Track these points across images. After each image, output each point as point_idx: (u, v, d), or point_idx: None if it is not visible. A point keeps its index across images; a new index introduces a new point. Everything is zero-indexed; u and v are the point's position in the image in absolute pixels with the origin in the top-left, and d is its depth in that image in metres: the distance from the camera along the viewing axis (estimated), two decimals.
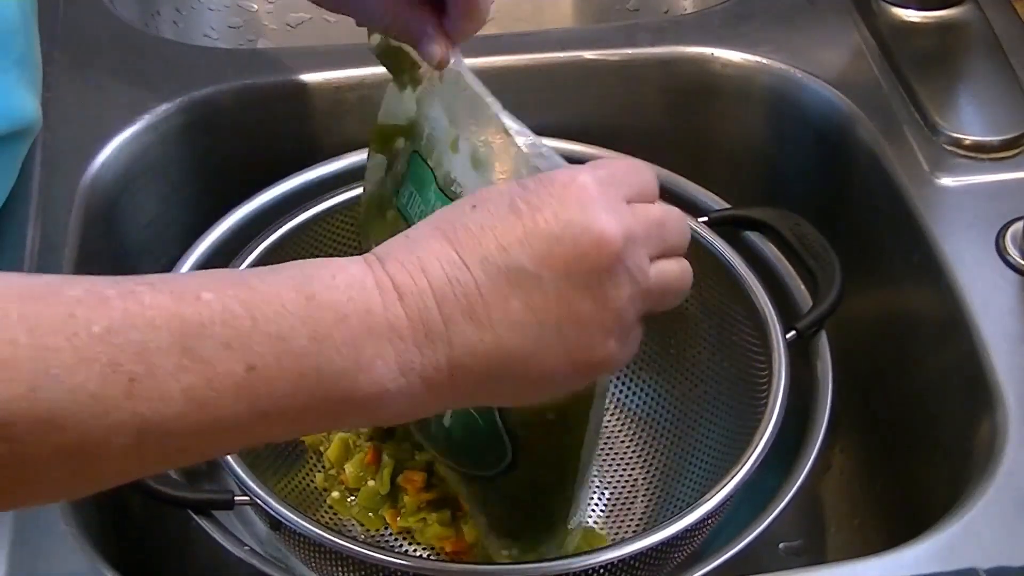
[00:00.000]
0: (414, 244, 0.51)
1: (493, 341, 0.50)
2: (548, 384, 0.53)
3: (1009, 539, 0.66)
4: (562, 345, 0.52)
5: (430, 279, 0.50)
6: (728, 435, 0.79)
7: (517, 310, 0.50)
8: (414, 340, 0.49)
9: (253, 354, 0.46)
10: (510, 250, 0.50)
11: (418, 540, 0.78)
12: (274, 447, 0.80)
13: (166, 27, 1.06)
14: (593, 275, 0.51)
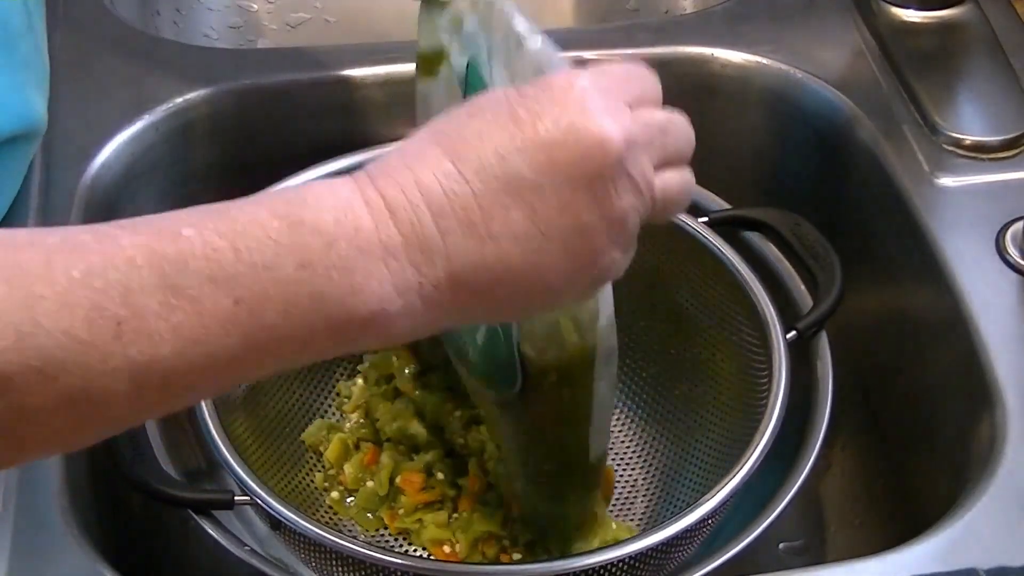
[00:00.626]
0: (408, 158, 0.50)
1: (494, 253, 0.49)
2: (552, 295, 0.51)
3: (1009, 539, 0.66)
4: (565, 254, 0.50)
5: (424, 193, 0.48)
6: (728, 435, 0.79)
7: (518, 220, 0.49)
8: (409, 258, 0.48)
9: (239, 286, 0.45)
10: (509, 159, 0.49)
11: (414, 542, 0.78)
12: (274, 447, 0.80)
13: (166, 27, 1.06)
14: (596, 181, 0.49)
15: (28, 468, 0.68)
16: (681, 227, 0.81)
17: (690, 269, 0.82)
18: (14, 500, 0.66)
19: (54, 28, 0.90)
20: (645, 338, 0.86)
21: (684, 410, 0.83)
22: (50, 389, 0.43)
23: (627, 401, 0.86)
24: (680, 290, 0.83)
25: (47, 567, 0.64)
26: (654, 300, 0.85)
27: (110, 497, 0.74)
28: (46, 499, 0.66)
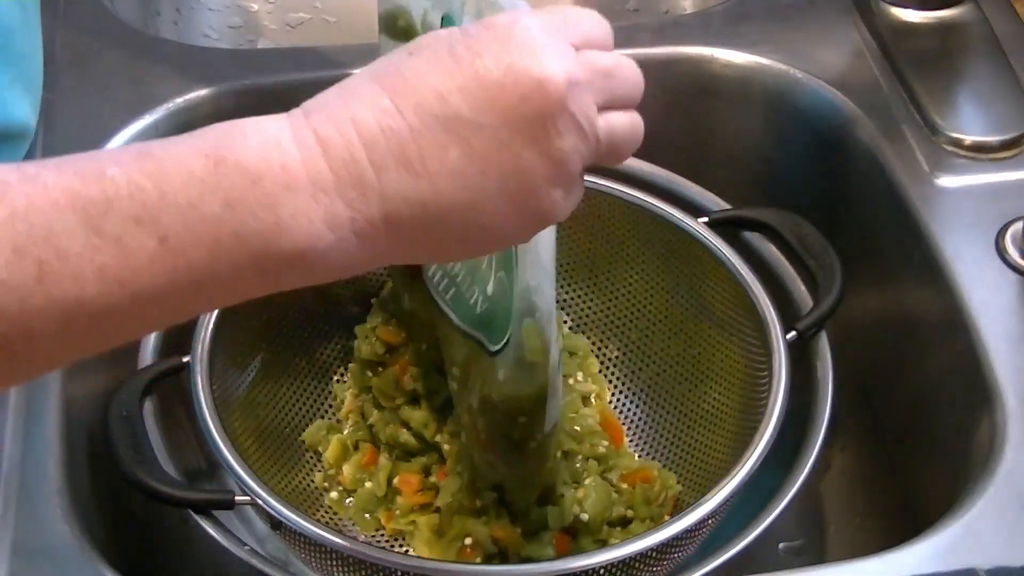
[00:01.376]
0: (346, 93, 0.49)
1: (430, 191, 0.48)
2: (492, 236, 0.51)
3: (1009, 539, 0.66)
4: (504, 194, 0.50)
5: (359, 128, 0.48)
6: (728, 435, 0.79)
7: (455, 159, 0.48)
8: (340, 194, 0.47)
9: (163, 226, 0.45)
10: (448, 97, 0.48)
11: (408, 544, 0.78)
12: (274, 447, 0.80)
13: (166, 27, 1.06)
14: (536, 121, 0.49)
15: (28, 468, 0.68)
16: (681, 227, 0.81)
17: (690, 269, 0.82)
18: (14, 500, 0.66)
19: (54, 28, 0.90)
20: (645, 339, 0.86)
21: (684, 410, 0.83)
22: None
23: (627, 401, 0.86)
24: (680, 290, 0.84)
25: (47, 567, 0.64)
26: (654, 300, 0.85)
27: (110, 497, 0.74)
28: (46, 499, 0.66)
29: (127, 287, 0.45)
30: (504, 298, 0.67)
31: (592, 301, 0.87)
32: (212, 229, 0.46)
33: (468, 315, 0.71)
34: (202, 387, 0.72)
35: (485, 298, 0.69)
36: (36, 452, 0.68)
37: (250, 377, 0.80)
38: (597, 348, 0.87)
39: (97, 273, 0.44)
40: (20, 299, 0.43)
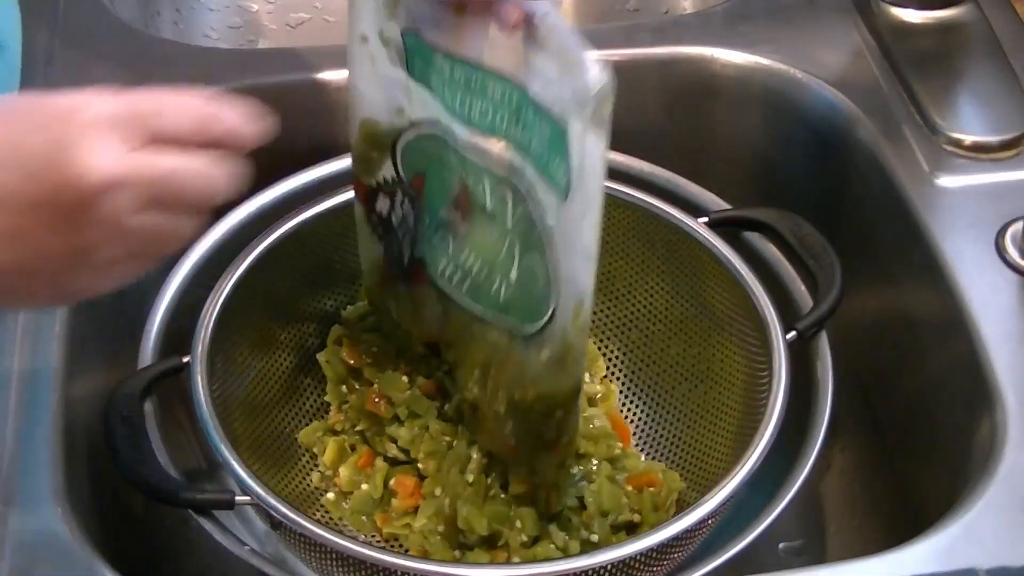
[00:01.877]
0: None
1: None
2: (19, 301, 0.57)
3: (1009, 539, 0.66)
4: (20, 271, 0.52)
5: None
6: (728, 435, 0.79)
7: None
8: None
9: None
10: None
11: (404, 547, 0.78)
12: (272, 448, 0.80)
13: (166, 27, 1.06)
14: (64, 212, 0.50)
15: (28, 468, 0.68)
16: (681, 227, 0.81)
17: (690, 269, 0.82)
18: (14, 500, 0.66)
19: (54, 28, 0.90)
20: (645, 339, 0.86)
21: (684, 411, 0.83)
22: None
23: (627, 401, 0.86)
24: (680, 290, 0.84)
25: (47, 567, 0.64)
26: (654, 301, 0.85)
27: (110, 497, 0.74)
28: (46, 499, 0.66)
29: None
30: (535, 281, 0.67)
31: (593, 301, 0.87)
32: None
33: (492, 303, 0.72)
34: (202, 387, 0.72)
35: (509, 285, 0.70)
36: (36, 452, 0.68)
37: (250, 377, 0.80)
38: (598, 348, 0.87)
39: None
40: None
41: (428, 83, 0.70)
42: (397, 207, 0.76)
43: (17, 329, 0.73)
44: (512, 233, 0.69)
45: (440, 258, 0.75)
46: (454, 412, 0.77)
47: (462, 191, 0.71)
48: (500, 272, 0.71)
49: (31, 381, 0.71)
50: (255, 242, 0.79)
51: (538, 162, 0.65)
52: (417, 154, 0.73)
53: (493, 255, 0.71)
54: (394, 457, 0.79)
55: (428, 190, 0.74)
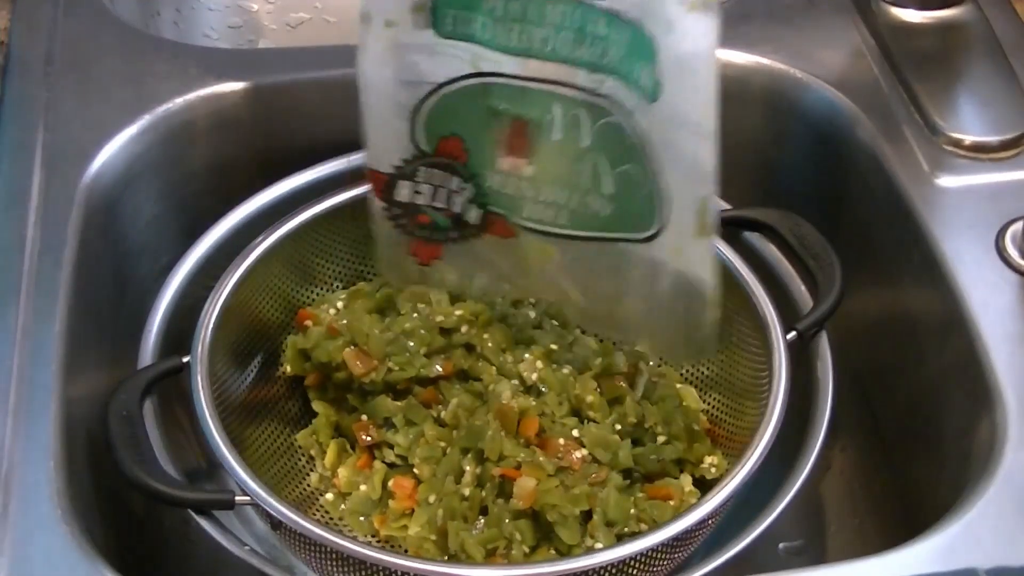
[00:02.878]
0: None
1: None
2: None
3: (1009, 539, 0.66)
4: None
5: None
6: (728, 435, 0.79)
7: None
8: None
9: None
10: None
11: (403, 548, 0.77)
12: (272, 448, 0.80)
13: (166, 27, 1.06)
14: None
15: (28, 468, 0.68)
16: None
17: None
18: (14, 500, 0.66)
19: (54, 28, 0.90)
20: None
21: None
22: None
23: None
24: None
25: (47, 567, 0.64)
26: None
27: (110, 497, 0.74)
28: (46, 499, 0.66)
29: None
30: (636, 188, 0.69)
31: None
32: None
33: (596, 223, 0.73)
34: (202, 387, 0.72)
35: (608, 200, 0.72)
36: (36, 452, 0.68)
37: (250, 377, 0.80)
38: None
39: None
40: None
41: (465, 33, 0.70)
42: (422, 183, 0.76)
43: (17, 329, 0.73)
44: (593, 151, 0.71)
45: (519, 202, 0.75)
46: (451, 418, 0.77)
47: (515, 132, 0.72)
48: (594, 192, 0.72)
49: (31, 381, 0.71)
50: (255, 242, 0.79)
51: (618, 72, 0.66)
52: (446, 116, 0.74)
53: (577, 178, 0.72)
54: (391, 462, 0.79)
55: (470, 145, 0.75)
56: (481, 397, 0.78)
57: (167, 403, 0.74)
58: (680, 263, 0.73)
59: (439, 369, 0.78)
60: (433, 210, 0.77)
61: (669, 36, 0.65)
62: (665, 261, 0.73)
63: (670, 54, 0.65)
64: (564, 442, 0.75)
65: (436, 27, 0.71)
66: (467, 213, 0.77)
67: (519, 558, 0.72)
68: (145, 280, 0.85)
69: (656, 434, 0.77)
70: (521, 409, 0.76)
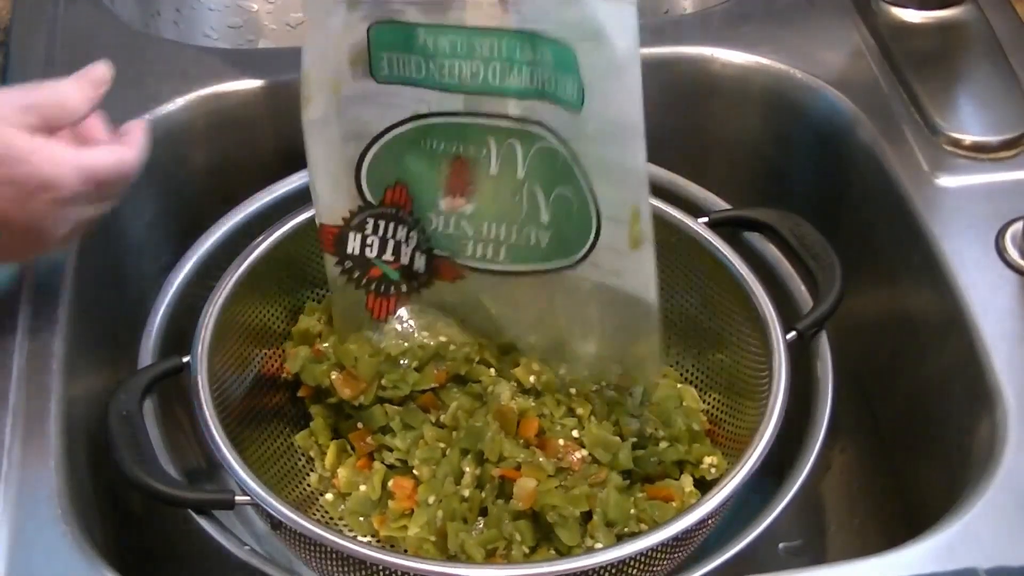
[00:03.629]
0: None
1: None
2: None
3: (1009, 539, 0.66)
4: None
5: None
6: (728, 435, 0.79)
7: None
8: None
9: None
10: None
11: (403, 548, 0.77)
12: (271, 448, 0.80)
13: (166, 27, 1.06)
14: None
15: (28, 468, 0.68)
16: (681, 227, 0.81)
17: (690, 269, 0.82)
18: (14, 500, 0.66)
19: (54, 28, 0.90)
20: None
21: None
22: None
23: None
24: (680, 291, 0.84)
25: (47, 567, 0.64)
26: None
27: (110, 497, 0.74)
28: (46, 499, 0.66)
29: None
30: (570, 209, 0.70)
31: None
32: None
33: (536, 255, 0.73)
34: (202, 387, 0.72)
35: (545, 229, 0.72)
36: (36, 452, 0.68)
37: (249, 377, 0.80)
38: None
39: None
40: None
41: (402, 76, 0.71)
42: (370, 235, 0.77)
43: (17, 329, 0.73)
44: (528, 180, 0.71)
45: (463, 243, 0.75)
46: (450, 419, 0.77)
47: (456, 171, 0.72)
48: (530, 223, 0.72)
49: (31, 381, 0.71)
50: (255, 243, 0.79)
51: (546, 92, 0.67)
52: (390, 164, 0.74)
53: (515, 211, 0.72)
54: (391, 464, 0.79)
55: (414, 191, 0.75)
56: (480, 398, 0.78)
57: (167, 403, 0.74)
58: (618, 282, 0.72)
59: (434, 383, 0.78)
60: (383, 263, 0.77)
61: (588, 41, 0.64)
62: (602, 282, 0.72)
63: (590, 57, 0.64)
64: (564, 443, 0.75)
65: (374, 74, 0.72)
66: (415, 262, 0.77)
67: (519, 559, 0.72)
68: (145, 280, 0.85)
69: (658, 439, 0.77)
70: (521, 410, 0.76)
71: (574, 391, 0.77)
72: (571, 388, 0.78)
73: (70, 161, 0.66)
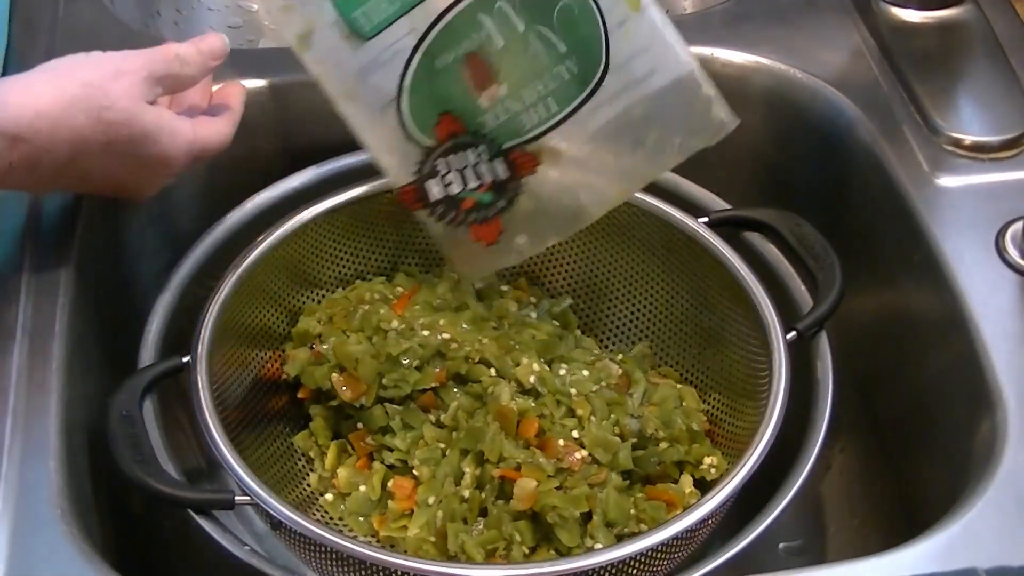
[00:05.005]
0: None
1: None
2: None
3: (1009, 539, 0.66)
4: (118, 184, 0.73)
5: None
6: (728, 435, 0.79)
7: None
8: None
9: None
10: None
11: (403, 549, 0.77)
12: (271, 448, 0.80)
13: (166, 27, 1.06)
14: None
15: (28, 468, 0.68)
16: (681, 227, 0.81)
17: (690, 269, 0.82)
18: (14, 500, 0.66)
19: (54, 28, 0.90)
20: (646, 339, 0.86)
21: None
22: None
23: None
24: (680, 291, 0.84)
25: (47, 567, 0.64)
26: (654, 301, 0.85)
27: (110, 497, 0.74)
28: (46, 499, 0.66)
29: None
30: (578, 17, 0.73)
31: (593, 302, 0.88)
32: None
33: (574, 88, 0.75)
34: (202, 387, 0.72)
35: (568, 57, 0.74)
36: (36, 452, 0.68)
37: (249, 377, 0.80)
38: (598, 349, 0.87)
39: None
40: None
41: (379, 20, 0.74)
42: (446, 174, 0.77)
43: (17, 329, 0.73)
44: (528, 26, 0.73)
45: (519, 120, 0.76)
46: (450, 420, 0.77)
47: (473, 67, 0.74)
48: (555, 61, 0.74)
49: (31, 381, 0.71)
50: (255, 242, 0.79)
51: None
52: (422, 105, 0.76)
53: (538, 61, 0.74)
54: (391, 464, 0.79)
55: (456, 111, 0.76)
56: (480, 399, 0.78)
57: (167, 403, 0.74)
58: (647, 62, 0.74)
59: (434, 382, 0.78)
60: (470, 192, 0.78)
61: None
62: (634, 70, 0.74)
63: None
64: (564, 443, 0.75)
65: (362, 35, 0.74)
66: (497, 172, 0.78)
67: (519, 559, 0.72)
68: (145, 280, 0.85)
69: (658, 439, 0.77)
70: (520, 410, 0.76)
71: (574, 391, 0.77)
72: (571, 388, 0.77)
73: (187, 138, 0.72)
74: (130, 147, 0.70)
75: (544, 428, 0.76)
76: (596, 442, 0.75)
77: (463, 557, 0.72)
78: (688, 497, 0.76)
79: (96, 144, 0.69)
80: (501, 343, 0.79)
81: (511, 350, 0.79)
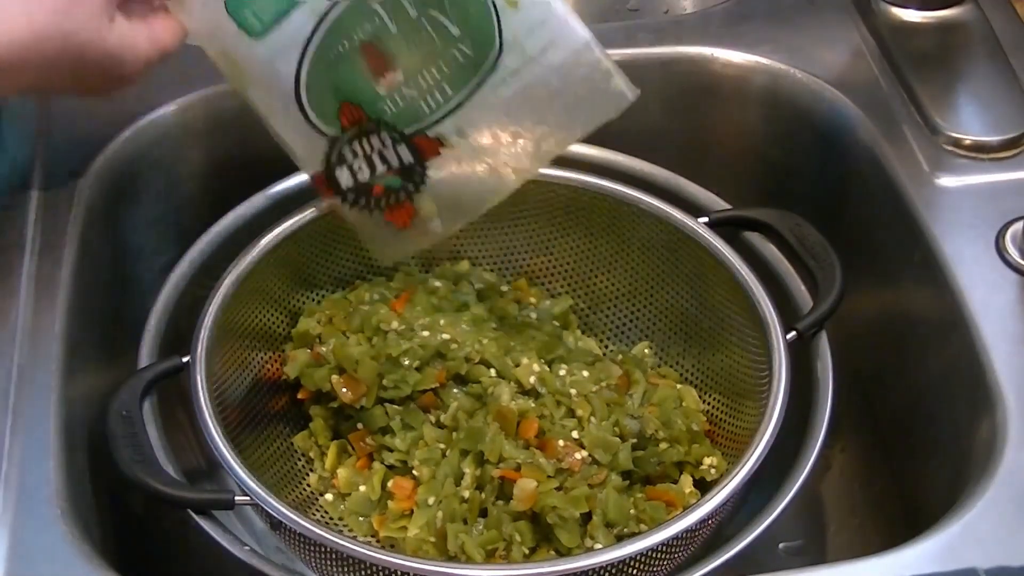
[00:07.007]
0: None
1: None
2: None
3: (1009, 539, 0.66)
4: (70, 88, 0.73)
5: None
6: (728, 435, 0.79)
7: None
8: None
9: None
10: None
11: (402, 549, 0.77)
12: (271, 448, 0.80)
13: None
14: None
15: (28, 468, 0.68)
16: (681, 227, 0.81)
17: (690, 269, 0.82)
18: (14, 500, 0.66)
19: None
20: (645, 339, 0.86)
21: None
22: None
23: None
24: (680, 291, 0.84)
25: (47, 567, 0.64)
26: (654, 301, 0.85)
27: (110, 497, 0.74)
28: (46, 499, 0.66)
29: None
30: None
31: (592, 302, 0.88)
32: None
33: (469, 70, 0.74)
34: (202, 387, 0.72)
35: (461, 40, 0.74)
36: (36, 452, 0.68)
37: (249, 378, 0.80)
38: (598, 349, 0.87)
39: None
40: None
41: (269, 15, 0.74)
42: (353, 161, 0.78)
43: (17, 329, 0.73)
44: (420, 10, 0.73)
45: (418, 106, 0.76)
46: (450, 420, 0.77)
47: (369, 55, 0.74)
48: (447, 44, 0.74)
49: (31, 381, 0.71)
50: (255, 242, 0.79)
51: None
52: (322, 95, 0.76)
53: (431, 45, 0.74)
54: (391, 464, 0.79)
55: (356, 99, 0.76)
56: (480, 399, 0.78)
57: (167, 403, 0.74)
58: (542, 37, 0.73)
59: (434, 383, 0.78)
60: (379, 178, 0.78)
61: None
62: (530, 47, 0.73)
63: None
64: (564, 443, 0.75)
65: (253, 34, 0.74)
66: (402, 156, 0.78)
67: (519, 559, 0.72)
68: (145, 280, 0.85)
69: (658, 439, 0.77)
70: (520, 411, 0.76)
71: (574, 392, 0.77)
72: (571, 389, 0.78)
73: (146, 51, 0.73)
74: (95, 68, 0.71)
75: (544, 428, 0.76)
76: (596, 442, 0.75)
77: (463, 557, 0.72)
78: (688, 497, 0.76)
79: (63, 68, 0.70)
80: (501, 343, 0.79)
81: (511, 350, 0.79)
